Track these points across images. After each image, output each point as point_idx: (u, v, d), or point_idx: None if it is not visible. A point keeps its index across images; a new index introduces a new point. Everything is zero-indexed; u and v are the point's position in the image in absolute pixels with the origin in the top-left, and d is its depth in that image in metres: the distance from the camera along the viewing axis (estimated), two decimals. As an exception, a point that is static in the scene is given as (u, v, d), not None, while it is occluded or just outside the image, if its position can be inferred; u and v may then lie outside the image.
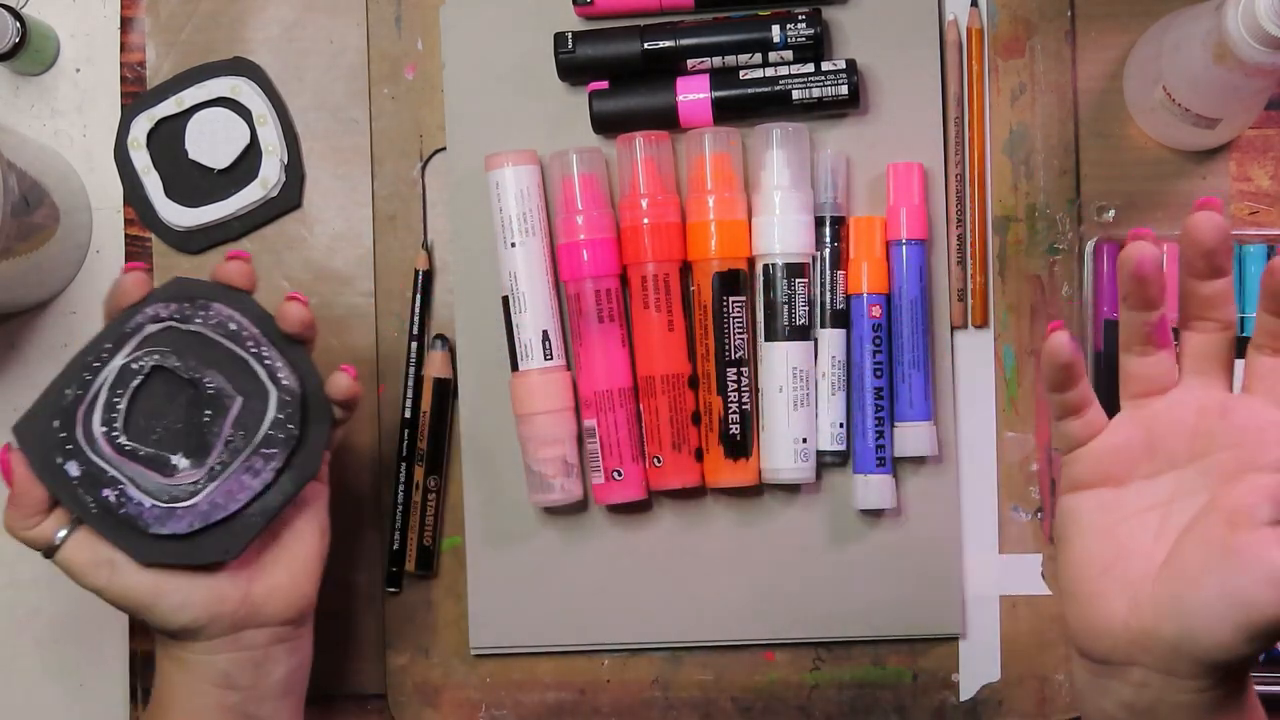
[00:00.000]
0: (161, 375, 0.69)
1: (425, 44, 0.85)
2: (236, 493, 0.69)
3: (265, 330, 0.71)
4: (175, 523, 0.68)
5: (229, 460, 0.69)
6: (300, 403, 0.70)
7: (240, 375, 0.70)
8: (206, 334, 0.70)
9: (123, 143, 0.85)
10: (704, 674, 0.83)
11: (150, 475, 0.69)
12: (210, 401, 0.69)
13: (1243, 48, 0.68)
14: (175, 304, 0.69)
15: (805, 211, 0.80)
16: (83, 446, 0.68)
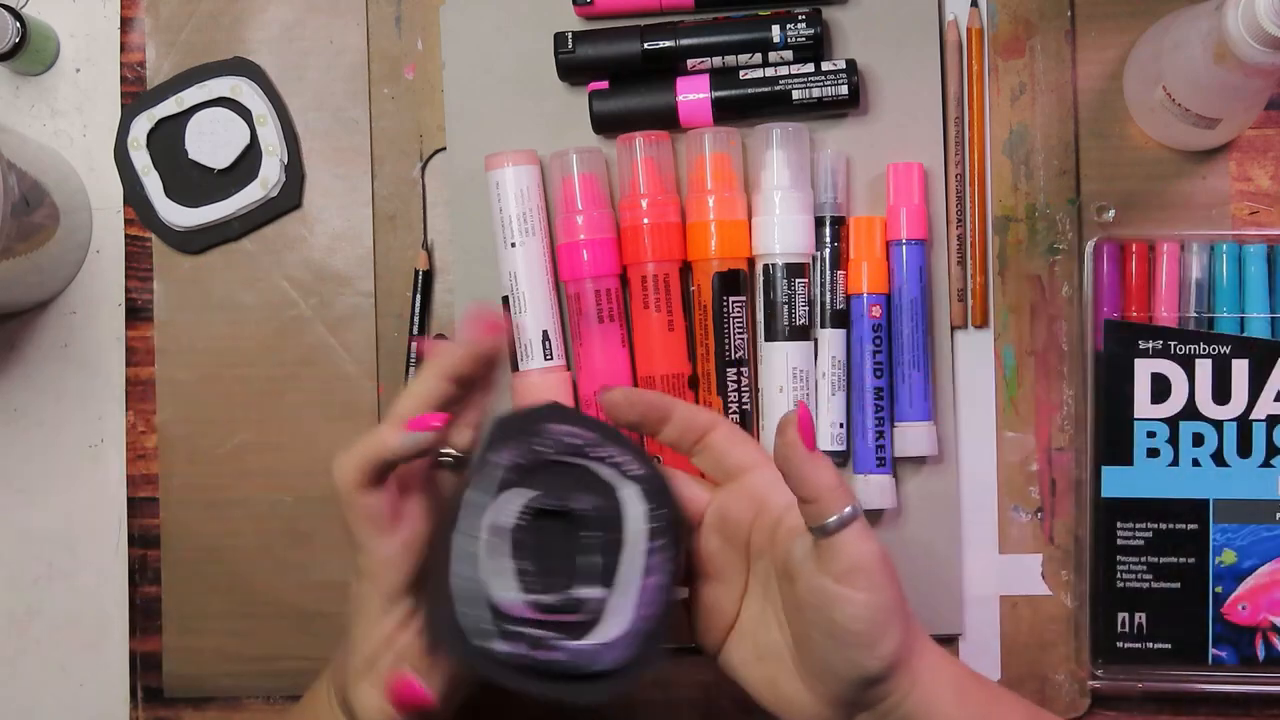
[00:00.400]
0: (535, 521, 0.66)
1: (425, 44, 0.85)
2: (654, 597, 0.66)
3: (596, 430, 0.68)
4: (615, 650, 0.65)
5: (629, 569, 0.66)
6: (657, 484, 0.67)
7: (597, 483, 0.67)
8: (552, 460, 0.67)
9: (123, 143, 0.85)
10: (704, 674, 0.83)
11: (569, 619, 0.65)
12: (586, 522, 0.66)
13: (1243, 48, 0.68)
14: (514, 448, 0.66)
15: (805, 211, 0.80)
16: (502, 624, 0.64)
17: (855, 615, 0.62)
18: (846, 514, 0.62)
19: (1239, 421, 0.79)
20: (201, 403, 0.85)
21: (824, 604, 0.63)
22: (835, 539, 0.62)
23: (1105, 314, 0.80)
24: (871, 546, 0.62)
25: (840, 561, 0.62)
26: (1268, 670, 0.80)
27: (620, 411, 0.70)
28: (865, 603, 0.62)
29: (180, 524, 0.84)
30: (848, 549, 0.62)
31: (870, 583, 0.62)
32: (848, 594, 0.62)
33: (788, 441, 0.63)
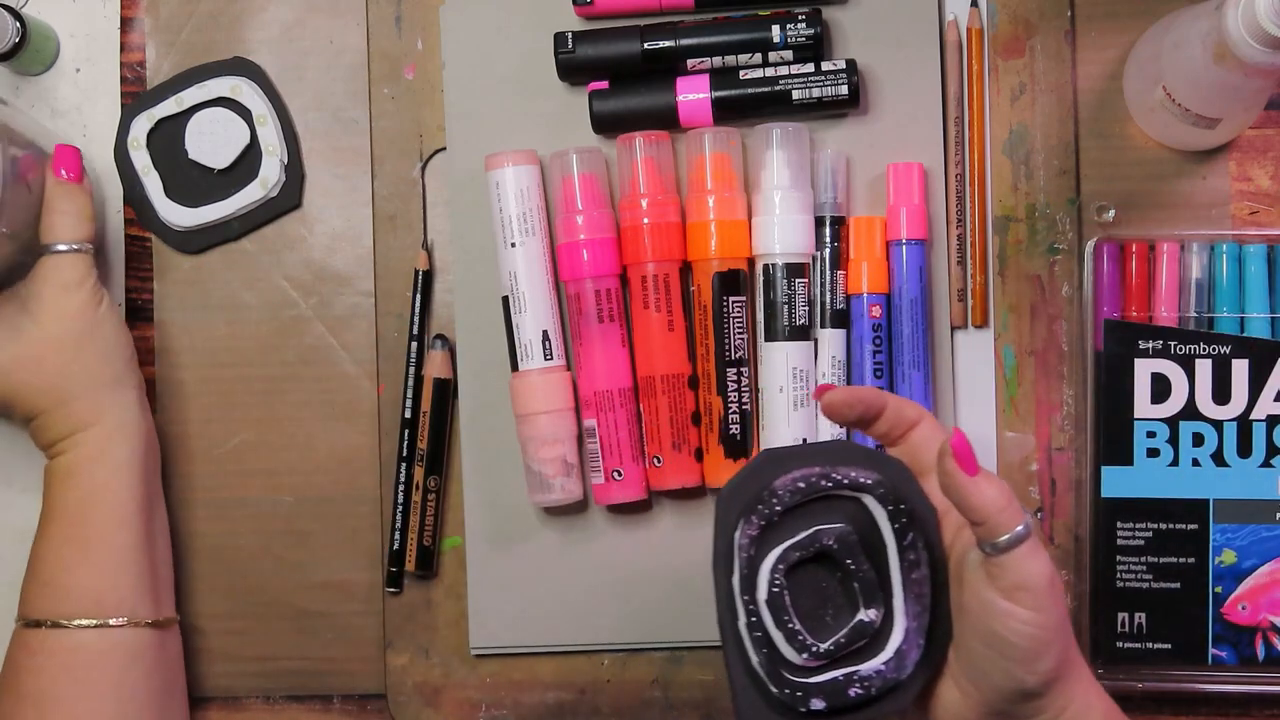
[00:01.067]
0: (794, 574, 0.66)
1: (425, 44, 0.85)
2: (920, 590, 0.66)
3: (818, 459, 0.67)
4: (910, 654, 0.66)
5: (893, 576, 0.66)
6: (893, 487, 0.67)
7: (838, 509, 0.67)
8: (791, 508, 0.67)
9: (123, 143, 0.85)
10: (704, 674, 0.83)
11: (861, 646, 0.66)
12: (841, 553, 0.66)
13: (1243, 48, 0.68)
14: (750, 521, 0.66)
15: (805, 211, 0.80)
16: (807, 684, 0.66)
17: (1017, 631, 0.62)
18: (1017, 533, 0.61)
19: (1239, 421, 0.79)
20: (201, 403, 0.85)
21: (988, 616, 0.63)
22: (1005, 556, 0.62)
23: (1105, 314, 0.80)
24: (1041, 566, 0.62)
25: (1008, 578, 0.62)
26: (1267, 670, 0.80)
27: (841, 412, 0.69)
28: (1029, 620, 0.62)
29: (180, 524, 0.84)
30: (1017, 567, 0.62)
31: (1036, 602, 0.62)
32: (1013, 610, 0.62)
33: (947, 470, 0.62)
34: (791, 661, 0.66)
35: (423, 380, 0.83)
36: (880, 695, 0.66)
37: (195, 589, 0.84)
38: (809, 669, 0.66)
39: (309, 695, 0.84)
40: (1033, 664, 0.63)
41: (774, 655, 0.66)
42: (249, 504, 0.84)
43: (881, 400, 0.69)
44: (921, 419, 0.69)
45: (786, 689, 0.65)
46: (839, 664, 0.66)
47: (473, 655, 0.83)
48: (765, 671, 0.65)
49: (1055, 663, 0.63)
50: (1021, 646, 0.62)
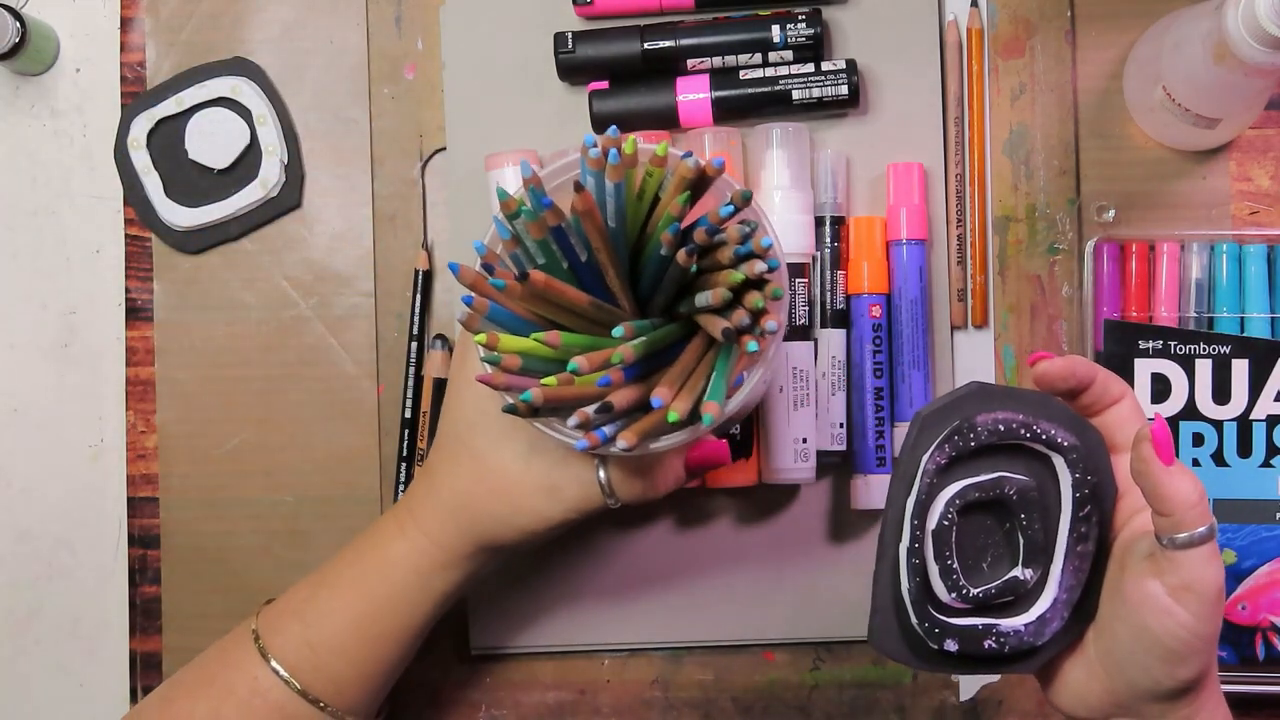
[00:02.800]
0: (966, 514, 0.65)
1: (425, 44, 0.85)
2: (1081, 565, 0.65)
3: (1023, 406, 0.65)
4: (1052, 623, 0.65)
5: (1060, 543, 0.65)
6: (1087, 456, 0.65)
7: (1024, 460, 0.65)
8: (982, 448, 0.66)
9: (123, 143, 0.85)
10: (704, 674, 0.83)
11: (1008, 600, 0.65)
12: (1018, 505, 0.65)
13: (1243, 48, 0.68)
14: (943, 445, 0.65)
15: (805, 211, 0.80)
16: (947, 624, 0.65)
17: (1171, 632, 0.61)
18: (1199, 534, 0.60)
19: (1239, 421, 0.79)
20: (201, 403, 0.85)
21: (1145, 609, 0.61)
22: (1181, 554, 0.60)
23: (1105, 314, 0.80)
24: (1214, 574, 0.60)
25: (1179, 576, 0.60)
26: (1268, 670, 0.80)
27: (1053, 383, 0.66)
28: (1185, 625, 0.61)
29: (180, 524, 0.84)
30: (1190, 567, 0.60)
31: (1199, 608, 0.60)
32: (1173, 609, 0.61)
33: (1143, 456, 0.61)
34: (938, 598, 0.65)
35: (423, 380, 0.83)
36: (1012, 655, 0.65)
37: (195, 589, 0.84)
38: (953, 609, 0.65)
39: (309, 695, 0.84)
40: (1176, 667, 0.61)
41: (925, 586, 0.64)
42: (249, 504, 0.84)
43: (1092, 373, 0.66)
44: (1124, 396, 0.66)
45: (927, 622, 0.64)
46: (982, 613, 0.65)
47: (472, 655, 0.83)
48: (913, 599, 0.64)
49: (1197, 672, 0.62)
50: (1170, 648, 0.61)
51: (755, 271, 0.62)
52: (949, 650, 0.65)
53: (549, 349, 0.62)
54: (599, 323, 0.65)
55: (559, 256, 0.64)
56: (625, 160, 0.62)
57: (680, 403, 0.61)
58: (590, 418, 0.62)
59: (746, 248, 0.63)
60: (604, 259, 0.64)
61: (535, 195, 0.62)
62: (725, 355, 0.64)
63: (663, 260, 0.63)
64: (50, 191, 0.86)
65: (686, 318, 0.66)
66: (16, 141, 0.86)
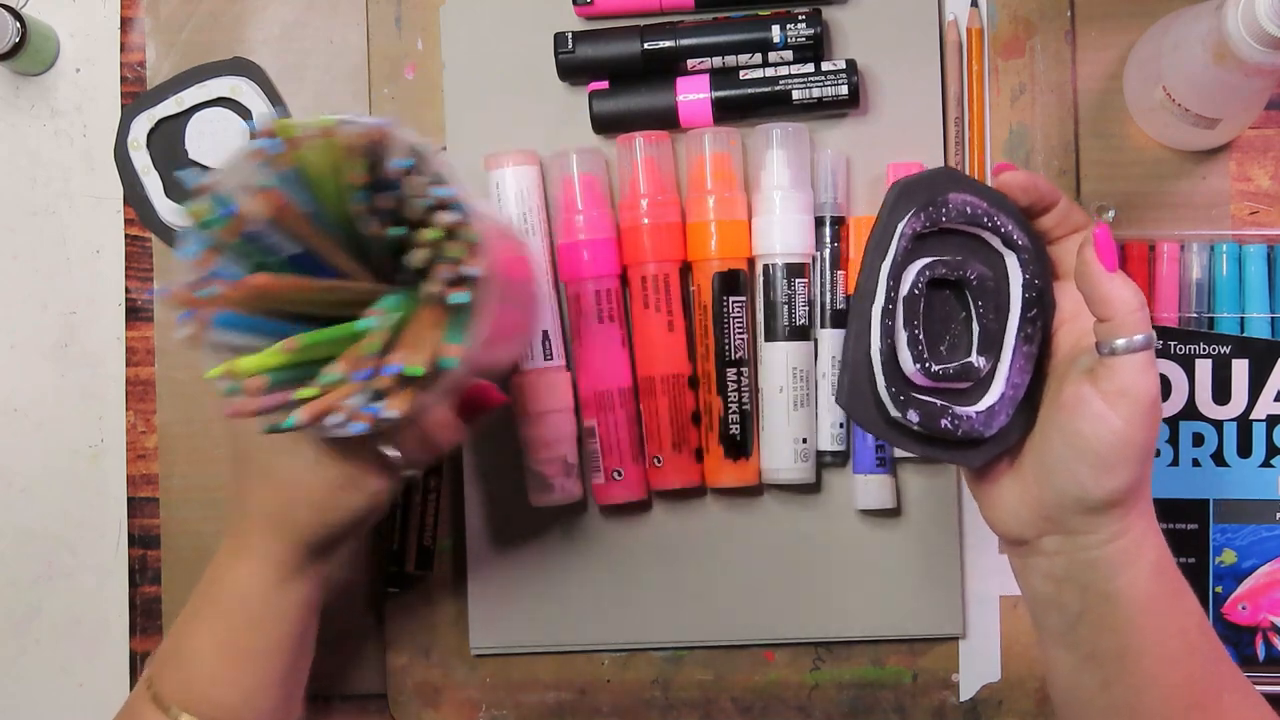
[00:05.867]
0: (930, 289, 0.67)
1: (425, 44, 0.85)
2: (1026, 364, 0.67)
3: (989, 198, 0.67)
4: (999, 416, 0.67)
5: (1008, 338, 0.67)
6: (1037, 258, 0.67)
7: (984, 252, 0.68)
8: (950, 228, 0.67)
9: (123, 143, 0.85)
10: (704, 674, 0.83)
11: (961, 387, 0.67)
12: (977, 291, 0.67)
13: (1243, 48, 0.68)
14: (918, 215, 0.66)
15: (805, 211, 0.80)
16: (911, 394, 0.66)
17: (1101, 437, 0.62)
18: (1137, 340, 0.61)
19: (1239, 421, 0.79)
20: (201, 403, 0.85)
21: (1079, 413, 0.62)
22: (1118, 359, 0.61)
23: (1105, 314, 0.80)
24: (1148, 381, 0.61)
25: (1113, 381, 0.62)
26: (1268, 670, 0.80)
27: (1021, 193, 0.68)
28: (1115, 429, 0.61)
29: (180, 524, 0.84)
30: (1124, 372, 0.61)
31: (1130, 413, 0.61)
32: (1106, 413, 0.62)
33: (1085, 259, 0.63)
34: (903, 368, 0.66)
35: (423, 380, 0.83)
36: (964, 440, 0.67)
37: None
38: (913, 384, 0.66)
39: (309, 695, 0.84)
40: (1103, 474, 0.62)
41: (892, 353, 0.66)
42: (249, 504, 0.84)
43: (1055, 195, 0.68)
44: (1086, 225, 0.67)
45: (894, 387, 0.66)
46: (940, 395, 0.67)
47: (472, 655, 0.83)
48: (883, 360, 0.66)
49: (1125, 484, 0.62)
50: (1099, 453, 0.62)
51: (445, 222, 0.61)
52: (911, 421, 0.66)
53: (291, 355, 0.61)
54: (351, 303, 0.63)
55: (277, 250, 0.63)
56: (290, 146, 0.60)
57: (416, 356, 0.60)
58: (354, 410, 0.61)
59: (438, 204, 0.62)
60: (319, 245, 0.62)
61: (220, 202, 0.61)
62: (455, 311, 0.63)
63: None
64: (50, 191, 0.86)
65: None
66: (16, 141, 0.86)
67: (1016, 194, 0.67)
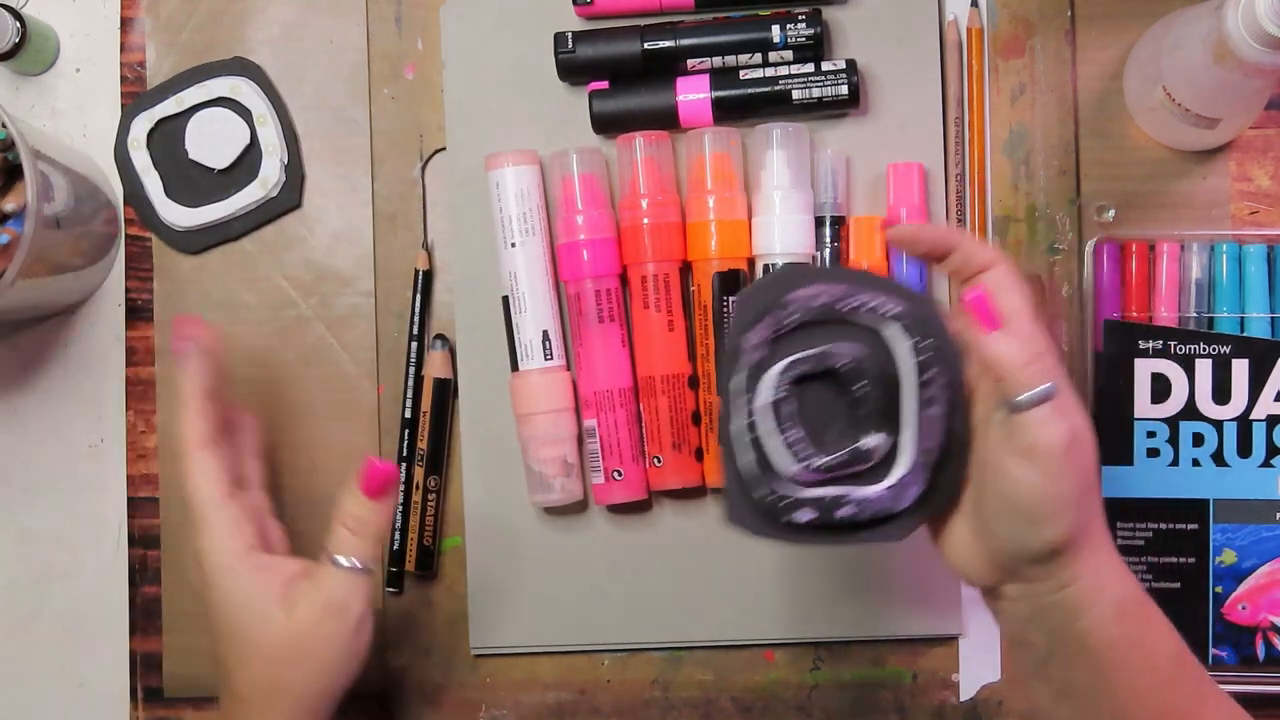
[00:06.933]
0: (801, 387, 0.67)
1: (425, 44, 0.85)
2: (933, 427, 0.66)
3: (842, 280, 0.67)
4: (911, 488, 0.66)
5: (906, 407, 0.66)
6: (920, 320, 0.66)
7: (855, 332, 0.66)
8: (806, 323, 0.67)
9: (123, 143, 0.85)
10: (704, 674, 0.83)
11: (860, 468, 0.66)
12: (850, 376, 0.66)
13: (1243, 48, 0.68)
14: (766, 322, 0.66)
15: (805, 211, 0.80)
16: (798, 494, 0.66)
17: (1023, 495, 0.61)
18: (1036, 393, 0.60)
19: (1239, 421, 0.79)
20: (201, 403, 0.85)
21: (998, 474, 0.62)
22: (1023, 416, 0.61)
23: (1105, 314, 0.80)
24: (1056, 432, 0.60)
25: (1023, 438, 0.61)
26: (1268, 670, 0.80)
27: (908, 246, 0.68)
28: (1035, 485, 0.61)
29: (180, 524, 0.84)
30: (1031, 428, 0.61)
31: (1045, 467, 0.61)
32: (1021, 472, 0.61)
33: (965, 327, 0.62)
34: (786, 470, 0.66)
35: (423, 380, 0.83)
36: (870, 522, 0.66)
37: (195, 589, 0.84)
38: (805, 482, 0.66)
39: (309, 695, 0.84)
40: (1038, 529, 0.62)
41: (766, 461, 0.66)
42: (249, 504, 0.84)
43: (952, 240, 0.67)
44: (995, 264, 0.65)
45: (773, 495, 0.66)
46: (837, 484, 0.66)
47: (472, 655, 0.83)
48: (751, 475, 0.66)
49: (1063, 533, 0.62)
50: (1026, 511, 0.61)
51: None
52: (805, 520, 0.66)
53: None
54: None
55: None
56: None
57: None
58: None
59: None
60: None
61: None
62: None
63: None
64: (50, 191, 0.86)
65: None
66: (16, 141, 0.86)
67: (904, 248, 0.67)
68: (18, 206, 0.75)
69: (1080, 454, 0.61)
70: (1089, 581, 0.63)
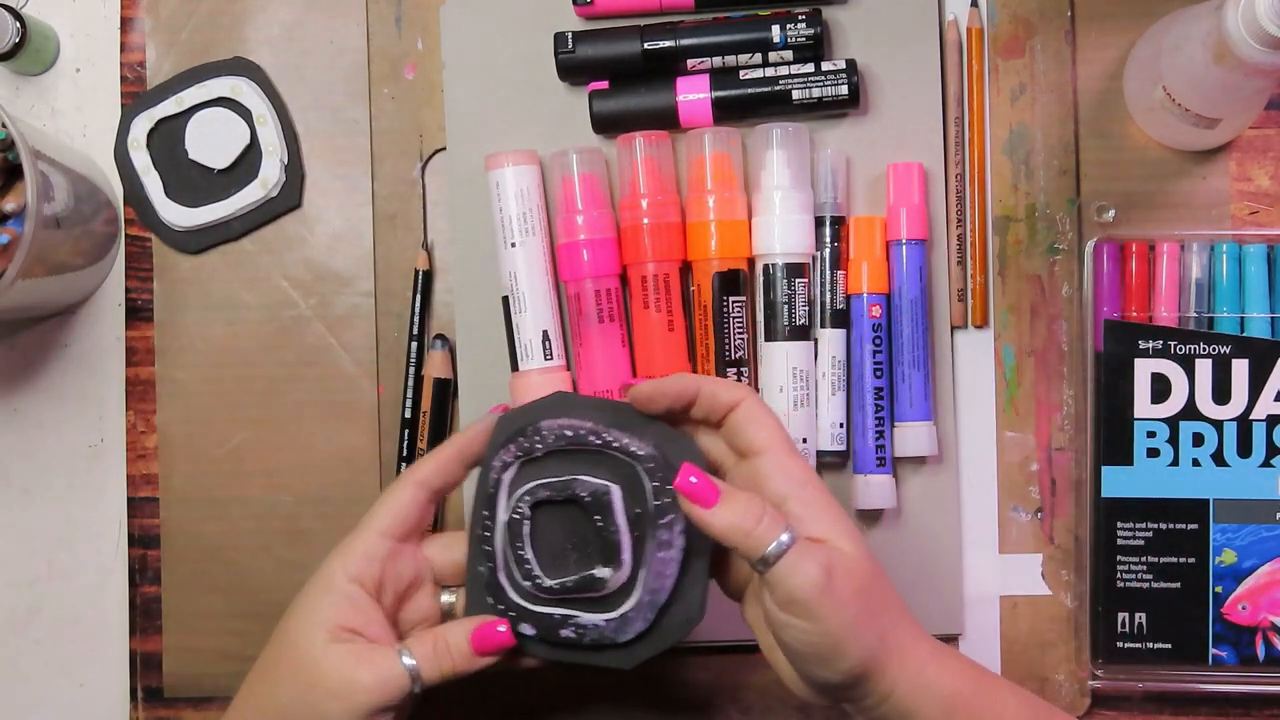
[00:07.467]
0: (541, 510, 0.69)
1: (425, 44, 0.85)
2: (664, 569, 0.68)
3: (597, 415, 0.70)
4: (635, 623, 0.69)
5: (640, 548, 0.69)
6: (665, 464, 0.68)
7: (601, 467, 0.69)
8: (554, 451, 0.70)
9: (123, 143, 0.85)
10: (704, 674, 0.83)
11: (594, 594, 0.69)
12: (593, 506, 0.68)
13: (1243, 48, 0.68)
14: (513, 445, 0.70)
15: (805, 211, 0.80)
16: (524, 608, 0.70)
17: (800, 641, 0.63)
18: (771, 551, 0.62)
19: (1239, 421, 0.79)
20: (201, 403, 0.85)
21: (776, 623, 0.63)
22: (771, 571, 0.62)
23: (1105, 314, 0.80)
24: (806, 578, 0.61)
25: (778, 592, 0.62)
26: (1268, 670, 0.80)
27: (649, 406, 0.69)
28: (807, 629, 0.62)
29: (180, 524, 0.84)
30: (783, 581, 0.62)
31: (809, 612, 0.62)
32: (789, 622, 0.62)
33: (687, 512, 0.64)
34: (517, 584, 0.70)
35: (423, 380, 0.83)
36: (593, 646, 0.69)
37: (195, 589, 0.84)
38: (536, 598, 0.69)
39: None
40: (829, 665, 0.63)
41: (495, 573, 0.70)
42: (249, 504, 0.84)
43: (691, 390, 0.68)
44: (740, 401, 0.67)
45: (501, 605, 0.70)
46: (566, 605, 0.69)
47: (473, 655, 0.83)
48: (486, 583, 0.70)
49: (855, 662, 0.62)
50: (809, 655, 0.63)
51: None
52: (526, 632, 0.70)
53: None
54: None
55: None
56: None
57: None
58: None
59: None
60: None
61: None
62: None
63: None
64: (50, 191, 0.86)
65: None
66: (16, 141, 0.86)
67: (650, 405, 0.68)
68: (18, 206, 0.76)
69: (845, 581, 0.62)
70: (907, 688, 0.64)
